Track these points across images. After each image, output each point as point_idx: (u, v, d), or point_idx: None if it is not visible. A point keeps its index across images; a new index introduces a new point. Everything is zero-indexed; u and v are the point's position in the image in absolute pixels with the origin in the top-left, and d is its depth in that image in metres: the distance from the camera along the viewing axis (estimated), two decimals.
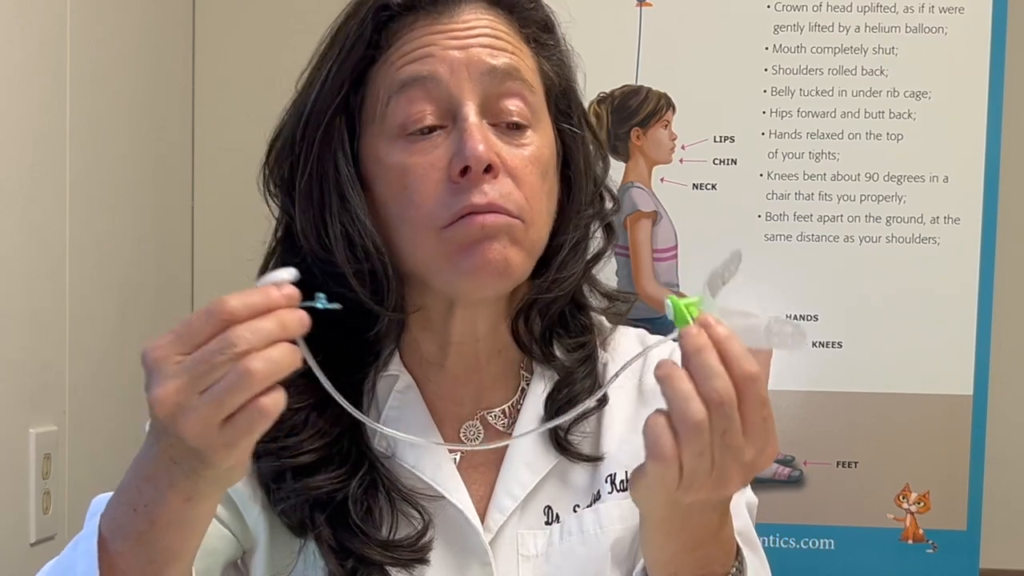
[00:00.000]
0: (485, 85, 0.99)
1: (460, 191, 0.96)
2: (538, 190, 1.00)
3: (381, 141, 1.00)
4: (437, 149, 0.98)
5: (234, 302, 0.77)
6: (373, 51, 1.01)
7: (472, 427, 1.06)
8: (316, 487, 0.98)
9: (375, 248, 0.99)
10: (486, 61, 0.99)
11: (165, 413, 0.77)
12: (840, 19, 1.92)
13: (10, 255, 1.51)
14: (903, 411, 1.91)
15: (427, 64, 0.99)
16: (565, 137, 1.05)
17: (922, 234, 1.91)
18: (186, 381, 0.76)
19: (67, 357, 1.65)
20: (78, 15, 1.67)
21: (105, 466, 1.71)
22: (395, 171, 0.99)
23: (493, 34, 1.01)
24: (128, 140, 1.86)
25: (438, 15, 1.00)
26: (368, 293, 1.00)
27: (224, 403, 0.76)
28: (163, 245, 2.01)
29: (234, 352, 0.75)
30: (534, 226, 0.99)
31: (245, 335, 0.76)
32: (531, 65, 1.03)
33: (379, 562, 0.98)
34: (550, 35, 1.07)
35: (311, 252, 1.01)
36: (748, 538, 1.05)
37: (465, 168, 0.96)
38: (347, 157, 1.01)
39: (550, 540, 1.03)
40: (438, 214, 0.97)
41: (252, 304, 0.77)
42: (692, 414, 0.78)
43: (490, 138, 0.98)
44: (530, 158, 0.99)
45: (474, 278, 0.98)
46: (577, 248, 1.05)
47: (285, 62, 1.06)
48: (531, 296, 1.05)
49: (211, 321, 0.77)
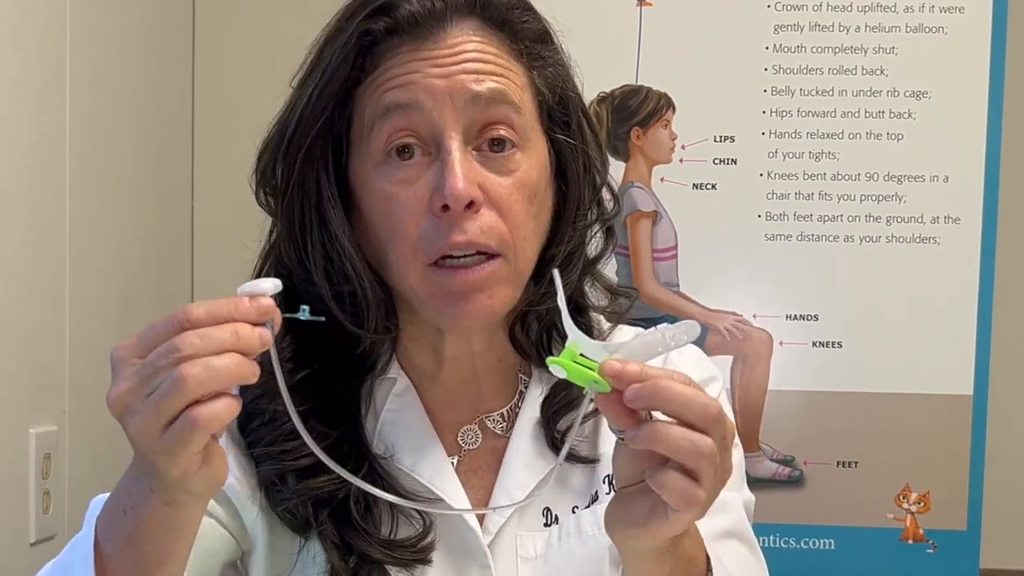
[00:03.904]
0: (469, 113, 0.97)
1: (441, 227, 0.96)
2: (524, 217, 0.99)
3: (367, 164, 1.00)
4: (420, 179, 0.97)
5: (198, 310, 0.76)
6: (358, 73, 1.00)
7: (470, 431, 1.06)
8: (318, 487, 0.98)
9: (355, 271, 0.99)
10: (470, 88, 0.97)
11: (118, 414, 0.77)
12: (840, 19, 1.92)
13: (10, 255, 1.51)
14: (903, 411, 1.91)
15: (409, 92, 0.97)
16: (560, 148, 1.04)
17: (922, 234, 1.91)
18: (134, 384, 0.76)
19: (67, 357, 1.65)
20: (78, 15, 1.67)
21: (105, 466, 1.71)
22: (380, 197, 0.99)
23: (480, 57, 0.99)
24: (128, 140, 1.86)
25: (422, 40, 0.99)
26: (347, 316, 1.00)
27: (160, 408, 0.75)
28: (163, 245, 2.01)
29: (175, 356, 0.75)
30: (519, 256, 0.99)
31: (193, 340, 0.75)
32: (521, 82, 1.01)
33: (380, 560, 0.98)
34: (545, 46, 1.05)
35: (293, 271, 1.01)
36: (745, 537, 1.06)
37: (445, 205, 0.95)
38: (330, 178, 1.00)
39: (549, 542, 1.03)
40: (421, 247, 0.97)
41: (216, 313, 0.76)
42: (703, 446, 0.78)
43: (473, 170, 0.97)
44: (515, 185, 0.98)
45: (459, 321, 0.99)
46: (571, 258, 1.05)
47: (285, 62, 1.06)
48: (523, 309, 1.04)
49: (169, 325, 0.76)
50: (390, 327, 1.03)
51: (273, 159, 1.02)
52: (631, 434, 0.78)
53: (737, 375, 1.93)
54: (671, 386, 0.78)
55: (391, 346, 1.06)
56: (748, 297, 1.93)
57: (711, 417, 0.78)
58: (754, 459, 1.91)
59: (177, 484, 0.79)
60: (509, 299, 1.00)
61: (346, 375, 1.03)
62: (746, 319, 1.93)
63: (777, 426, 1.93)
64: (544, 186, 1.02)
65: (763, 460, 1.92)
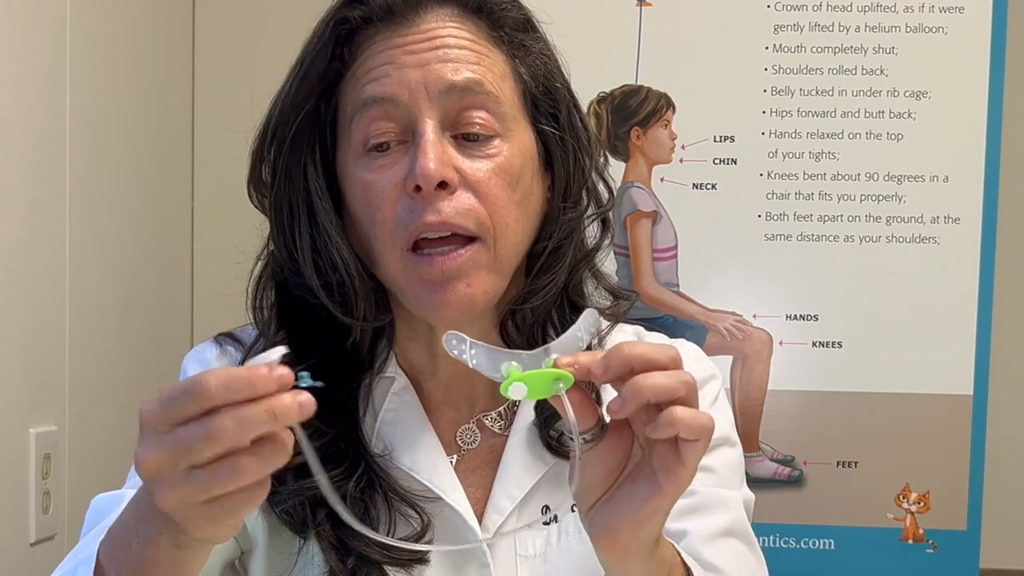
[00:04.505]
0: (444, 102, 0.97)
1: (415, 208, 0.96)
2: (504, 201, 0.98)
3: (349, 157, 1.00)
4: (396, 165, 0.97)
5: (214, 383, 0.71)
6: (339, 65, 1.00)
7: (468, 430, 1.06)
8: (314, 487, 0.97)
9: (342, 260, 0.99)
10: (445, 78, 0.97)
11: (147, 476, 0.75)
12: (840, 19, 1.92)
13: (10, 255, 1.51)
14: (903, 411, 1.91)
15: (385, 85, 0.98)
16: (547, 138, 1.04)
17: (922, 234, 1.91)
18: (167, 455, 0.73)
19: (67, 357, 1.65)
20: (78, 15, 1.67)
21: (105, 466, 1.71)
22: (360, 187, 0.99)
23: (456, 44, 0.99)
24: (128, 140, 1.86)
25: (397, 26, 0.99)
26: (337, 305, 1.00)
27: (211, 490, 0.73)
28: (163, 245, 2.01)
29: (216, 445, 0.71)
30: (501, 240, 0.98)
31: (227, 424, 0.71)
32: (500, 70, 1.01)
33: (379, 561, 0.98)
34: (527, 34, 1.04)
35: (283, 263, 1.01)
36: (744, 535, 1.06)
37: (418, 186, 0.95)
38: (317, 169, 1.01)
39: (548, 540, 1.03)
40: (398, 232, 0.97)
41: (234, 388, 0.71)
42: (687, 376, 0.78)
43: (447, 153, 0.97)
44: (494, 169, 0.98)
45: (440, 312, 0.98)
46: (558, 253, 1.04)
47: (285, 62, 1.06)
48: (510, 307, 1.04)
49: (191, 400, 0.72)
50: (381, 318, 1.03)
51: (260, 152, 1.03)
52: (618, 403, 0.77)
53: (737, 375, 1.93)
54: (632, 345, 0.78)
55: (388, 345, 1.06)
56: (748, 297, 1.93)
57: (675, 357, 0.79)
58: (754, 459, 1.91)
59: (196, 540, 0.78)
60: (491, 288, 0.99)
61: (344, 374, 1.03)
62: (746, 319, 1.93)
63: (777, 426, 1.93)
64: (530, 175, 1.02)
65: (763, 460, 1.92)
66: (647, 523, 0.81)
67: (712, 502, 1.04)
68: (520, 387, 0.78)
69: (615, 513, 0.82)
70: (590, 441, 0.81)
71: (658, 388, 0.77)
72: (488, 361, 0.80)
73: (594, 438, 0.81)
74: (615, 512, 0.82)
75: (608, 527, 0.82)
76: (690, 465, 0.79)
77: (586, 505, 0.84)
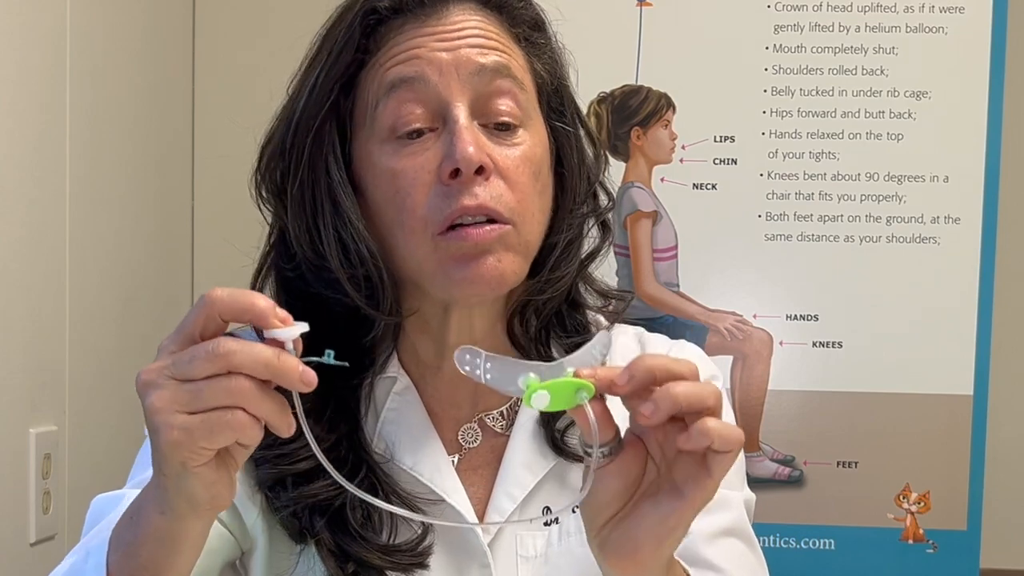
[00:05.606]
0: (475, 85, 0.98)
1: (451, 194, 0.96)
2: (530, 190, 0.99)
3: (372, 145, 1.00)
4: (427, 151, 0.97)
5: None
6: (362, 55, 1.00)
7: (470, 429, 1.06)
8: (313, 495, 0.98)
9: (369, 253, 0.99)
10: (475, 60, 0.98)
11: (141, 384, 0.77)
12: (840, 19, 1.92)
13: (10, 255, 1.51)
14: (903, 411, 1.91)
15: (415, 66, 0.98)
16: (558, 135, 1.05)
17: (922, 234, 1.91)
18: (169, 364, 0.76)
19: (67, 357, 1.65)
20: (78, 15, 1.67)
21: (105, 466, 1.71)
22: (386, 175, 0.99)
23: (482, 34, 1.00)
24: (128, 140, 1.86)
25: (426, 17, 1.00)
26: (363, 298, 1.00)
27: (198, 399, 0.74)
28: (163, 245, 2.01)
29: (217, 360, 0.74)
30: (527, 227, 0.99)
31: (232, 346, 0.74)
32: (522, 64, 1.03)
33: (379, 566, 0.98)
34: (540, 33, 1.06)
35: (305, 258, 1.01)
36: (745, 535, 1.06)
37: (455, 170, 0.95)
38: (338, 162, 1.01)
39: (549, 541, 1.03)
40: (430, 219, 0.97)
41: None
42: (713, 386, 0.78)
43: (481, 139, 0.97)
44: (522, 158, 0.99)
45: (469, 287, 0.98)
46: (570, 247, 1.05)
47: (285, 62, 1.06)
48: (524, 298, 1.04)
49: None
50: (401, 311, 1.03)
51: (280, 148, 1.02)
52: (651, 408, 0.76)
53: (737, 375, 1.93)
54: (653, 357, 0.78)
55: (392, 343, 1.06)
56: (748, 297, 1.93)
57: (695, 370, 0.79)
58: (754, 459, 1.91)
59: (177, 486, 0.77)
60: (517, 268, 0.99)
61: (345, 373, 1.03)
62: (746, 319, 1.93)
63: (777, 426, 1.93)
64: (546, 168, 1.03)
65: (763, 460, 1.92)
66: (670, 537, 0.80)
67: (713, 502, 1.04)
68: (543, 396, 0.78)
69: (636, 529, 0.80)
70: (608, 455, 0.80)
71: (691, 396, 0.77)
72: (503, 374, 0.79)
73: (612, 452, 0.80)
74: (636, 528, 0.80)
75: (628, 544, 0.81)
76: (717, 477, 0.78)
77: (598, 523, 0.82)
